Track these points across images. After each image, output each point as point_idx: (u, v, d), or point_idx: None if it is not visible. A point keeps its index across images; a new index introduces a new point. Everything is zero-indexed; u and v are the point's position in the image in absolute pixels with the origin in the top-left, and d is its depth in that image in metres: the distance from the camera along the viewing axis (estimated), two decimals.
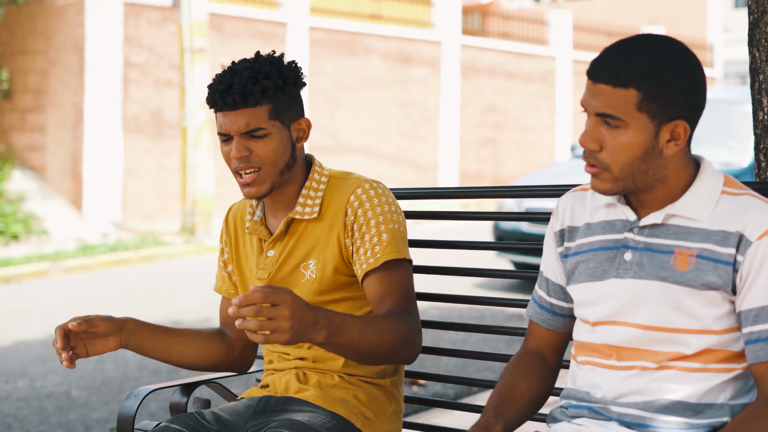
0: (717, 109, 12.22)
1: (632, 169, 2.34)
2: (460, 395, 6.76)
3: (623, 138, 2.32)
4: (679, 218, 2.39)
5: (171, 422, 2.84)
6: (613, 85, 2.31)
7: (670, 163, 2.37)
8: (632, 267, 2.41)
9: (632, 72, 2.30)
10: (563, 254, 2.58)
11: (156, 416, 6.33)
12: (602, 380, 2.45)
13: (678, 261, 2.36)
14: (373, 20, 22.23)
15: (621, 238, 2.45)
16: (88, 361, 8.10)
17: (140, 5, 17.54)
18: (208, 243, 15.73)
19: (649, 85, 2.29)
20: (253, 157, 2.86)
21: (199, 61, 16.27)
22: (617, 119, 2.31)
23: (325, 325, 2.50)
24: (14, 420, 6.53)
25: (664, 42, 2.34)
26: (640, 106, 2.30)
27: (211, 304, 10.16)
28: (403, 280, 2.85)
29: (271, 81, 2.86)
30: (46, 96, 17.72)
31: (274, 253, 2.98)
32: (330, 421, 2.79)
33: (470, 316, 9.34)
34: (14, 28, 18.17)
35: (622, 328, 2.43)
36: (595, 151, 2.36)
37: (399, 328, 2.73)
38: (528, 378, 2.63)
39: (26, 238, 15.85)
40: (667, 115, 2.32)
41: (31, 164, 17.97)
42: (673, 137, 2.34)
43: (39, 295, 12.06)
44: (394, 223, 2.88)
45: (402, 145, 21.96)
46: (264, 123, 2.86)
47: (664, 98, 2.30)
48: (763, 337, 2.29)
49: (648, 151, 2.33)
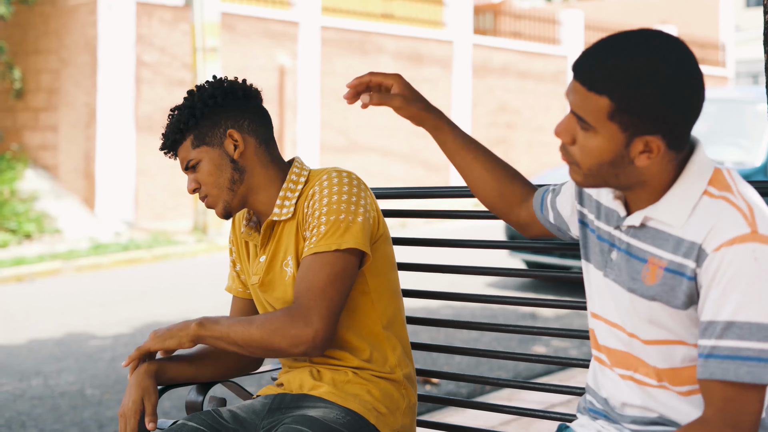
0: (729, 108, 12.21)
1: (600, 171, 2.23)
2: (473, 394, 6.76)
3: (592, 142, 2.20)
4: (656, 222, 2.26)
5: (188, 419, 2.87)
6: (588, 88, 2.17)
7: (647, 171, 2.23)
8: (614, 269, 2.35)
9: (607, 80, 2.15)
10: (580, 218, 2.52)
11: (170, 415, 6.35)
12: (603, 381, 2.43)
13: (648, 272, 2.26)
14: (384, 20, 22.23)
15: (611, 233, 2.38)
16: (102, 359, 8.12)
17: (152, 5, 17.56)
18: (220, 242, 15.75)
19: (622, 97, 2.14)
20: (202, 186, 3.01)
21: (211, 60, 16.28)
22: (587, 123, 2.19)
23: (198, 320, 2.87)
24: (28, 418, 6.55)
25: (656, 47, 2.16)
26: (611, 116, 2.16)
27: (223, 303, 10.14)
28: (317, 273, 2.83)
29: (181, 115, 2.99)
30: (59, 95, 17.76)
31: (264, 258, 3.04)
32: (344, 417, 2.82)
33: (483, 316, 9.34)
34: (27, 28, 18.21)
35: (609, 328, 2.40)
36: (568, 143, 2.25)
37: (271, 322, 2.81)
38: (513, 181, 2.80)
39: (39, 237, 15.88)
40: (641, 128, 2.16)
41: (44, 163, 18.01)
42: (647, 150, 2.18)
43: (52, 293, 12.09)
44: (340, 213, 2.87)
45: (414, 144, 21.96)
46: (191, 154, 3.00)
47: (639, 112, 2.14)
48: (704, 353, 2.14)
49: (617, 159, 2.20)
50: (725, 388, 2.12)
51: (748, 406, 2.12)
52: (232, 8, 18.63)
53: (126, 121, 17.20)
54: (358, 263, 2.89)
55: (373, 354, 2.96)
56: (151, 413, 2.88)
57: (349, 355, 2.94)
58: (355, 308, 2.95)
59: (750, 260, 2.10)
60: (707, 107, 12.29)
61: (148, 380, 2.92)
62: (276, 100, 19.04)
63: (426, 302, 9.49)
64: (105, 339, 8.96)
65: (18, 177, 17.12)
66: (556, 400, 5.87)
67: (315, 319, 2.80)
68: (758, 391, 2.12)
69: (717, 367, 2.12)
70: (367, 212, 2.91)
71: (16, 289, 12.52)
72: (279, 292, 3.00)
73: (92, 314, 10.30)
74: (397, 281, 3.08)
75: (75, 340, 8.95)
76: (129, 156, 17.23)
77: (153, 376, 2.94)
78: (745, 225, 2.13)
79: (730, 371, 2.11)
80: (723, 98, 12.57)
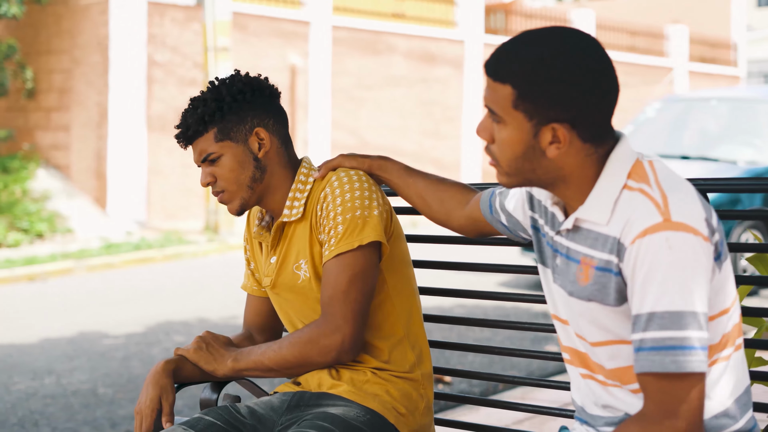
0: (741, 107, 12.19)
1: (517, 166, 2.24)
2: (486, 393, 6.76)
3: (504, 134, 2.22)
4: (586, 222, 2.26)
5: (205, 414, 2.86)
6: (493, 78, 2.21)
7: (564, 164, 2.23)
8: (560, 274, 2.35)
9: (509, 67, 2.18)
10: (532, 224, 2.52)
11: (183, 413, 6.35)
12: (575, 384, 2.43)
13: (582, 273, 2.26)
14: (396, 19, 22.22)
15: (554, 238, 2.38)
16: (114, 358, 8.13)
17: (164, 4, 17.58)
18: (232, 241, 15.76)
19: (523, 83, 2.16)
20: (218, 182, 2.98)
21: (222, 59, 16.29)
22: (496, 115, 2.22)
23: (232, 356, 2.95)
24: (41, 417, 6.56)
25: (558, 36, 2.19)
26: (515, 104, 2.18)
27: (235, 303, 10.18)
28: (339, 277, 2.84)
29: (207, 107, 2.95)
30: (71, 95, 17.78)
31: (275, 259, 3.03)
32: (364, 415, 2.81)
33: (495, 314, 9.33)
34: (39, 28, 18.24)
35: (566, 329, 2.40)
36: (489, 142, 2.28)
37: (299, 338, 2.87)
38: (460, 194, 2.95)
39: (51, 236, 15.91)
40: (545, 116, 2.17)
41: (56, 163, 18.04)
42: (555, 140, 2.19)
43: (64, 293, 12.11)
44: (355, 210, 2.87)
45: (424, 143, 21.96)
46: (212, 147, 2.97)
47: (539, 99, 2.16)
48: (635, 347, 2.14)
49: (528, 151, 2.21)
50: (657, 380, 2.11)
51: (683, 395, 2.10)
52: (244, 8, 18.64)
53: (138, 121, 17.22)
54: (378, 258, 2.89)
55: (392, 355, 2.95)
56: (167, 413, 2.88)
57: (369, 357, 2.94)
58: (374, 309, 2.94)
59: (665, 249, 2.10)
60: (720, 107, 12.28)
61: (165, 379, 2.92)
62: (287, 99, 19.04)
63: (439, 301, 9.49)
64: (117, 338, 8.97)
65: (30, 176, 17.15)
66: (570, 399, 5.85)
67: (342, 324, 2.83)
68: (690, 380, 2.10)
69: (646, 359, 2.12)
70: (380, 206, 2.91)
71: (28, 289, 12.54)
72: (292, 295, 3.00)
73: (104, 313, 10.31)
74: (414, 278, 3.08)
75: (87, 339, 8.97)
76: (141, 155, 17.25)
77: (171, 374, 2.94)
78: (657, 215, 2.12)
79: (656, 362, 2.10)
80: (735, 97, 12.55)
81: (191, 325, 9.38)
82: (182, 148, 3.05)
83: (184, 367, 2.99)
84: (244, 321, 3.24)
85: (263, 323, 3.21)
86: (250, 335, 3.20)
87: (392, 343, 2.96)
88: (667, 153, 11.52)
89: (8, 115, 18.69)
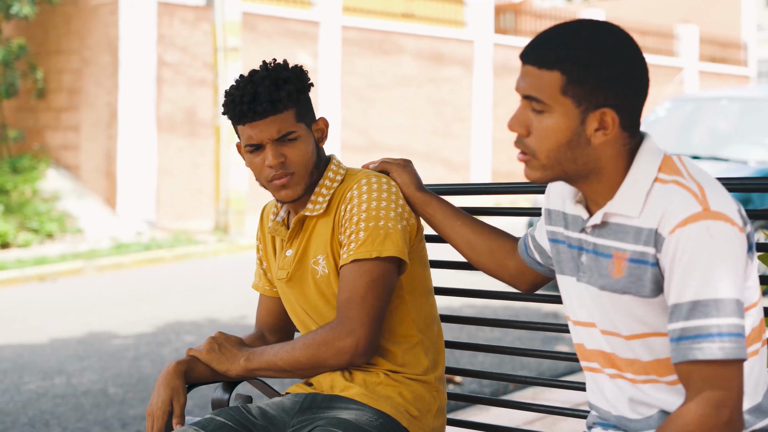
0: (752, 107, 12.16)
1: (558, 156, 2.25)
2: (496, 393, 6.74)
3: (548, 122, 2.23)
4: (616, 216, 2.28)
5: (216, 414, 2.86)
6: (539, 66, 2.22)
7: (603, 153, 2.25)
8: (586, 272, 2.35)
9: (557, 53, 2.20)
10: (550, 237, 2.53)
11: (193, 413, 6.35)
12: (603, 391, 2.42)
13: (614, 266, 2.27)
14: (405, 19, 22.22)
15: (579, 238, 2.38)
16: (124, 358, 8.14)
17: (174, 5, 17.59)
18: (242, 242, 15.76)
19: (573, 68, 2.19)
20: (288, 162, 2.90)
21: (232, 60, 16.30)
22: (541, 102, 2.22)
23: (244, 355, 2.94)
24: (52, 417, 6.56)
25: (600, 27, 2.23)
26: (564, 90, 2.20)
27: (245, 303, 10.18)
28: (357, 281, 2.83)
29: (293, 85, 2.89)
30: (81, 95, 17.81)
31: (291, 252, 3.01)
32: (376, 420, 2.80)
33: (505, 315, 9.32)
34: (49, 28, 18.27)
35: (591, 331, 2.39)
36: (523, 135, 2.27)
37: (313, 340, 2.85)
38: (503, 244, 2.89)
39: (61, 236, 15.93)
40: (594, 102, 2.21)
41: (66, 163, 18.06)
42: (601, 126, 2.22)
43: (74, 293, 12.12)
44: (379, 220, 2.85)
45: (434, 143, 21.95)
46: (293, 126, 2.90)
47: (590, 84, 2.19)
48: (675, 336, 2.14)
49: (573, 138, 2.23)
50: (701, 368, 2.11)
51: (727, 382, 2.10)
52: (253, 8, 18.65)
53: (147, 121, 17.24)
54: (396, 271, 2.88)
55: (406, 358, 2.94)
56: (178, 414, 2.88)
57: (383, 360, 2.93)
58: (389, 313, 2.93)
59: (706, 237, 2.11)
60: (730, 106, 12.26)
61: (177, 380, 2.92)
62: None
63: (448, 301, 9.48)
64: (127, 338, 8.98)
65: (40, 177, 17.18)
66: (581, 399, 5.84)
67: (357, 327, 2.81)
68: (734, 367, 2.10)
69: (688, 348, 2.11)
70: (404, 219, 2.90)
71: (38, 289, 12.56)
72: (307, 289, 2.98)
73: (114, 313, 10.32)
74: (430, 279, 3.07)
75: (97, 339, 8.97)
76: (150, 155, 17.27)
77: (182, 376, 2.93)
78: (696, 204, 2.14)
79: (702, 350, 2.10)
80: (745, 97, 12.52)
81: (201, 326, 9.38)
82: (236, 124, 2.92)
83: (195, 367, 2.98)
84: (256, 321, 3.24)
85: (275, 323, 3.21)
86: (262, 335, 3.19)
87: (406, 348, 2.94)
88: (677, 153, 11.49)
89: (18, 115, 18.72)
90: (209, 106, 17.47)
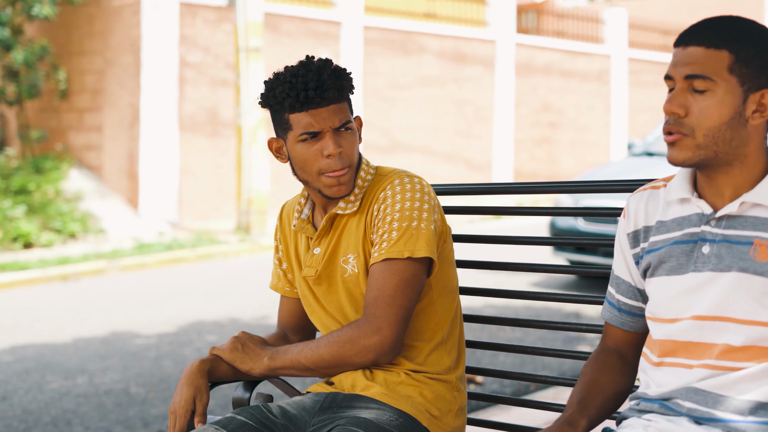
0: None
1: (717, 135, 2.32)
2: (517, 393, 6.73)
3: (711, 101, 2.32)
4: (756, 207, 2.33)
5: (237, 414, 2.85)
6: (706, 46, 2.33)
7: (753, 140, 2.34)
8: (711, 260, 2.35)
9: (727, 34, 2.33)
10: (638, 255, 2.52)
11: (214, 412, 6.35)
12: (674, 377, 2.40)
13: (758, 252, 2.30)
14: (427, 19, 22.21)
15: (698, 231, 2.39)
16: (147, 358, 8.16)
17: (196, 5, 17.63)
18: (263, 242, 15.78)
19: (743, 48, 2.31)
20: (343, 154, 2.89)
21: (254, 60, 16.33)
22: (707, 79, 2.31)
23: (268, 354, 2.93)
24: (74, 416, 6.58)
25: (754, 20, 2.37)
26: (731, 68, 2.31)
27: (267, 303, 10.19)
28: (386, 280, 2.82)
29: (349, 78, 2.91)
30: (103, 96, 17.86)
31: (320, 250, 3.00)
32: (397, 419, 2.79)
33: (526, 315, 9.30)
34: (71, 29, 18.34)
35: (699, 322, 2.37)
36: (681, 116, 2.34)
37: (339, 337, 2.84)
38: (609, 374, 2.59)
39: (83, 236, 15.99)
40: (756, 82, 2.32)
41: (88, 163, 18.12)
42: (759, 108, 2.33)
43: (96, 292, 12.16)
44: (412, 220, 2.84)
45: (456, 143, 21.93)
46: (350, 117, 2.92)
47: (755, 64, 2.31)
48: None
49: (735, 117, 2.31)
50: None
51: None
52: (275, 8, 18.67)
53: (169, 121, 17.28)
54: (426, 272, 2.88)
55: (428, 358, 2.93)
56: (201, 413, 2.88)
57: (405, 360, 2.92)
58: (417, 313, 2.93)
59: None
60: None
61: (200, 379, 2.92)
62: None
63: (469, 301, 9.46)
64: (149, 338, 9.00)
65: (63, 177, 17.24)
66: None
67: (384, 326, 2.81)
68: None
69: None
70: (435, 221, 2.89)
71: (61, 288, 12.60)
72: (335, 287, 2.98)
73: (136, 313, 10.35)
74: (456, 278, 3.06)
75: (120, 339, 9.00)
76: (172, 156, 17.31)
77: (205, 375, 2.94)
78: None
79: None
80: None
81: (223, 325, 9.39)
82: (289, 109, 2.87)
83: (218, 366, 2.98)
84: (278, 321, 3.23)
85: (297, 323, 3.20)
86: (285, 335, 3.19)
87: (430, 347, 2.94)
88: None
89: (41, 116, 18.79)
90: (231, 107, 17.50)
